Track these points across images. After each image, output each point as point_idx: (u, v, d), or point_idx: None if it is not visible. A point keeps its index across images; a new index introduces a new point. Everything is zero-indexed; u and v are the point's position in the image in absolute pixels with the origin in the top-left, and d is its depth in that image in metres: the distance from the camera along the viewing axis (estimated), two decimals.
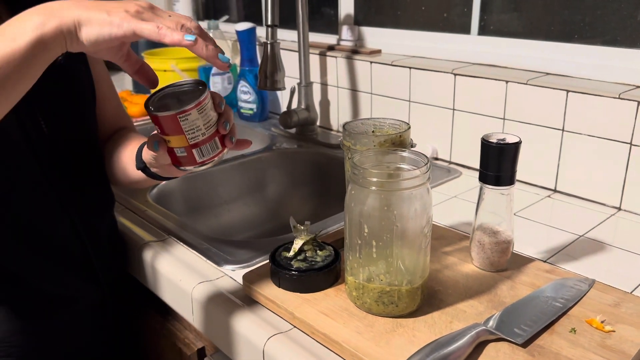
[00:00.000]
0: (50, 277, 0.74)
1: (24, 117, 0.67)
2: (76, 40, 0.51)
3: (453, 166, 1.14)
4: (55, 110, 0.71)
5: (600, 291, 0.66)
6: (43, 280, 0.73)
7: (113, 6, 0.51)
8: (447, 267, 0.72)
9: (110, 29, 0.50)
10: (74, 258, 0.77)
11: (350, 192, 0.61)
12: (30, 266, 0.72)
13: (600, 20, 1.00)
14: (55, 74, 0.71)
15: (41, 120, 0.69)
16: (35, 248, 0.59)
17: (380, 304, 0.62)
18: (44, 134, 0.69)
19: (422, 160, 0.61)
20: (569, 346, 0.57)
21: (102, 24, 0.50)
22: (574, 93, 0.94)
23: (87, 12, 0.50)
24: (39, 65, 0.51)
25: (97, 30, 0.50)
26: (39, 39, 0.49)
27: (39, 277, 0.73)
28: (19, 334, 0.72)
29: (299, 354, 0.60)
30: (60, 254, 0.75)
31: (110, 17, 0.50)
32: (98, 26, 0.50)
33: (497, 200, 0.69)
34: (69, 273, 0.77)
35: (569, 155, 0.97)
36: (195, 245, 0.83)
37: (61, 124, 0.71)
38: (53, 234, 0.57)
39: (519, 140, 0.66)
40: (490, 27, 1.16)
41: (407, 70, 1.18)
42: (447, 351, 0.54)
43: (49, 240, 0.59)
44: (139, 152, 0.71)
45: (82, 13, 0.50)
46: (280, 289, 0.68)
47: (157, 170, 0.69)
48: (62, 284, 0.76)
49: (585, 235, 0.84)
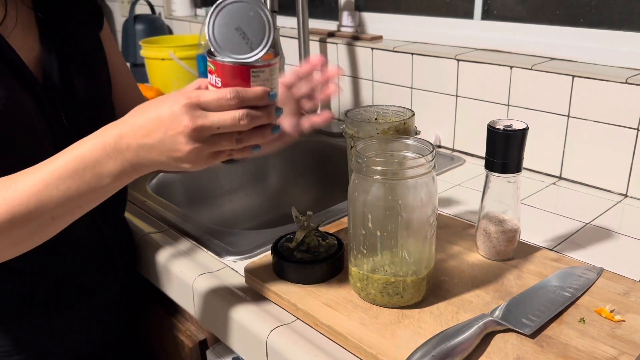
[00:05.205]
0: (72, 270, 0.74)
1: (47, 111, 0.66)
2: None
3: (457, 154, 1.13)
4: (74, 103, 0.70)
5: (609, 280, 0.65)
6: (64, 274, 0.73)
7: (178, 149, 0.52)
8: (452, 256, 0.71)
9: (183, 170, 0.55)
10: (95, 251, 0.77)
11: (354, 182, 0.60)
12: (51, 259, 0.71)
13: (606, 4, 0.98)
14: (76, 67, 0.70)
15: (62, 113, 0.68)
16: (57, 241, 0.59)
17: (385, 295, 0.60)
18: (65, 127, 0.69)
19: (428, 148, 0.59)
20: (578, 336, 0.56)
21: (175, 168, 0.54)
22: (579, 78, 0.92)
23: (160, 163, 0.53)
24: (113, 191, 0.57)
25: (170, 170, 0.56)
26: (118, 184, 0.55)
27: (60, 270, 0.73)
28: (39, 327, 0.72)
29: (303, 346, 0.59)
30: (82, 247, 0.75)
31: (180, 167, 0.53)
32: (172, 169, 0.55)
33: (504, 188, 0.68)
34: (90, 266, 0.76)
35: (575, 141, 0.95)
36: (196, 236, 0.82)
37: (80, 117, 0.71)
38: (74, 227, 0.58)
39: (526, 127, 0.65)
40: (493, 11, 1.14)
41: (409, 56, 1.16)
42: (454, 343, 0.53)
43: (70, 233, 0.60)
44: None
45: (156, 164, 0.54)
46: (282, 280, 0.66)
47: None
48: (83, 278, 0.76)
49: (591, 222, 0.83)
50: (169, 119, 0.51)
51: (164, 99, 0.52)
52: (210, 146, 0.52)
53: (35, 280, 0.71)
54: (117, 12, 2.15)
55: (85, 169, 0.53)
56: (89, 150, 0.53)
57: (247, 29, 0.52)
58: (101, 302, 0.79)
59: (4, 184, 0.54)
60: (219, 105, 0.51)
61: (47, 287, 0.72)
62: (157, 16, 1.91)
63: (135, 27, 1.80)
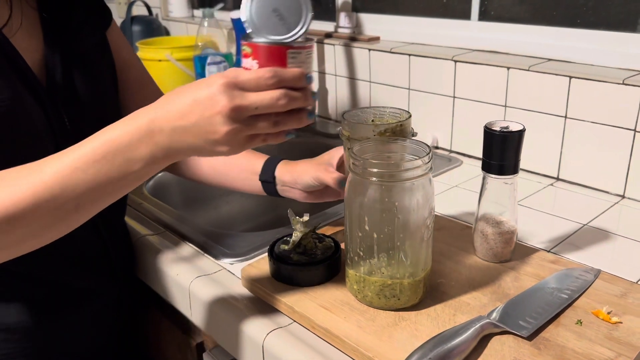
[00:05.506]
0: (72, 273, 0.74)
1: (50, 112, 0.66)
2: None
3: (454, 155, 1.12)
4: (77, 104, 0.70)
5: (606, 281, 0.65)
6: (64, 277, 0.73)
7: (215, 131, 0.50)
8: (449, 258, 0.71)
9: (218, 154, 0.53)
10: (94, 255, 0.76)
11: (350, 184, 0.59)
12: (52, 263, 0.71)
13: (603, 5, 0.98)
14: (79, 68, 0.69)
15: (64, 114, 0.68)
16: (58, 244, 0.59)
17: (381, 297, 0.60)
18: (67, 128, 0.68)
19: (424, 150, 0.59)
20: (575, 338, 0.55)
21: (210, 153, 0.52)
22: (576, 79, 0.92)
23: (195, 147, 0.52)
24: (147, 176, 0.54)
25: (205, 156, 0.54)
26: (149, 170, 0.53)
27: (60, 273, 0.72)
28: (39, 331, 0.72)
29: (299, 349, 0.58)
30: (82, 250, 0.74)
31: (215, 150, 0.52)
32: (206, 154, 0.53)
33: (501, 189, 0.67)
34: (89, 270, 0.76)
35: (572, 142, 0.95)
36: (193, 238, 0.82)
37: (83, 118, 0.70)
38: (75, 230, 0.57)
39: (522, 128, 0.64)
40: (490, 12, 1.14)
41: (407, 57, 1.16)
42: (451, 345, 0.53)
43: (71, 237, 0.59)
44: (270, 164, 0.79)
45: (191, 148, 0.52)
46: (279, 282, 0.66)
47: (288, 191, 0.80)
48: (82, 281, 0.75)
49: (589, 224, 0.83)
50: (205, 100, 0.49)
51: (199, 82, 0.51)
52: (248, 128, 0.51)
53: (35, 283, 0.71)
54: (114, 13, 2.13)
55: (115, 153, 0.51)
56: (119, 135, 0.51)
57: (284, 10, 0.53)
58: (100, 305, 0.79)
59: (30, 168, 0.52)
60: (257, 85, 0.50)
61: (47, 290, 0.72)
62: (154, 17, 1.91)
63: (132, 28, 1.80)
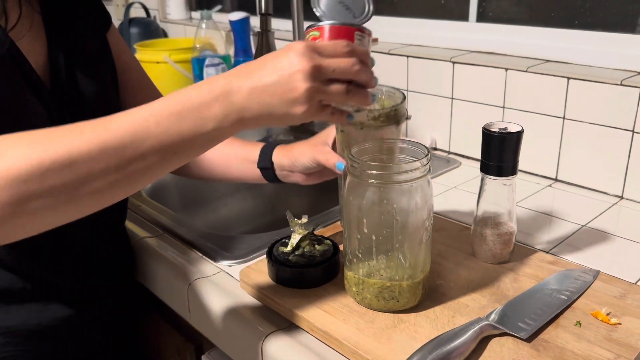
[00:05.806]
0: (72, 276, 0.73)
1: (54, 115, 0.66)
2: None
3: (452, 156, 1.12)
4: (81, 106, 0.70)
5: (605, 282, 0.65)
6: (65, 280, 0.73)
7: (295, 87, 0.51)
8: (448, 259, 0.71)
9: (292, 118, 0.53)
10: (95, 258, 0.76)
11: (348, 186, 0.59)
12: (52, 265, 0.71)
13: (601, 6, 0.98)
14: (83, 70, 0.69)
15: (68, 117, 0.68)
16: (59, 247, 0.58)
17: (380, 300, 0.60)
18: None
19: (422, 152, 0.59)
20: (575, 340, 0.55)
21: (284, 116, 0.52)
22: (574, 80, 0.92)
23: (271, 108, 0.52)
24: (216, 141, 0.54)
25: (277, 120, 0.53)
26: (219, 135, 0.52)
27: (60, 276, 0.72)
28: (39, 334, 0.71)
29: (298, 351, 0.58)
30: (83, 254, 0.74)
31: (290, 111, 0.52)
32: (280, 116, 0.53)
33: (499, 190, 0.67)
34: (90, 274, 0.76)
35: (570, 143, 0.95)
36: (191, 240, 0.82)
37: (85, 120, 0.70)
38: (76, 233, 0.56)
39: (521, 129, 0.64)
40: (489, 13, 1.14)
41: (405, 59, 1.16)
42: (451, 347, 0.53)
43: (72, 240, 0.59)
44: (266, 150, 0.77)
45: (266, 110, 0.52)
46: (278, 284, 0.66)
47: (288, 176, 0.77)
48: (83, 285, 0.75)
49: (587, 225, 0.83)
50: (285, 61, 0.51)
51: (276, 51, 0.53)
52: (324, 91, 0.52)
53: (36, 285, 0.70)
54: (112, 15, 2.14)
55: (189, 110, 0.50)
56: (193, 95, 0.51)
57: (349, 2, 0.60)
58: (100, 308, 0.79)
59: (97, 121, 0.50)
60: (334, 51, 0.53)
61: (47, 293, 0.72)
62: (152, 19, 1.91)
63: (130, 30, 1.80)
